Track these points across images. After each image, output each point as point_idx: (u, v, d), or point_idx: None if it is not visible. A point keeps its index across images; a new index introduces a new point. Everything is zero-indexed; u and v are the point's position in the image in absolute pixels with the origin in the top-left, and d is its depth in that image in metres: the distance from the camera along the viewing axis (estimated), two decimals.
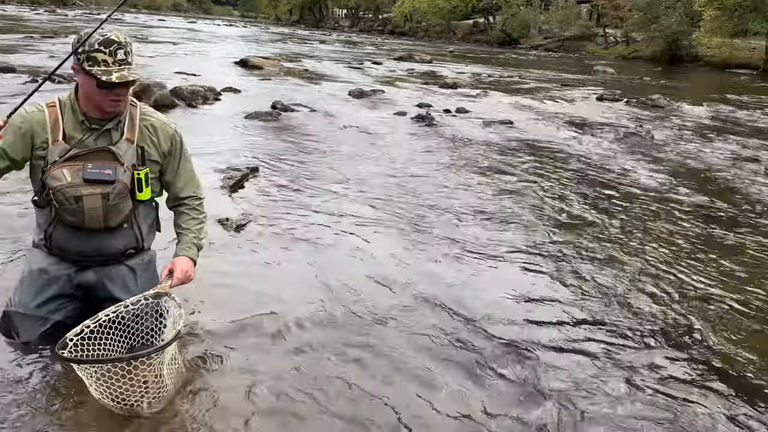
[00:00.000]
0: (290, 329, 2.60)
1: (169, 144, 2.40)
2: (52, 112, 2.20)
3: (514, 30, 44.44)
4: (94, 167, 2.20)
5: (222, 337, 2.49)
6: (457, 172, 5.79)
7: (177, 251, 2.42)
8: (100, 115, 2.22)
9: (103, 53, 2.09)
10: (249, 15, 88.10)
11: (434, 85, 13.47)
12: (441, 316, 2.84)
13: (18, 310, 2.26)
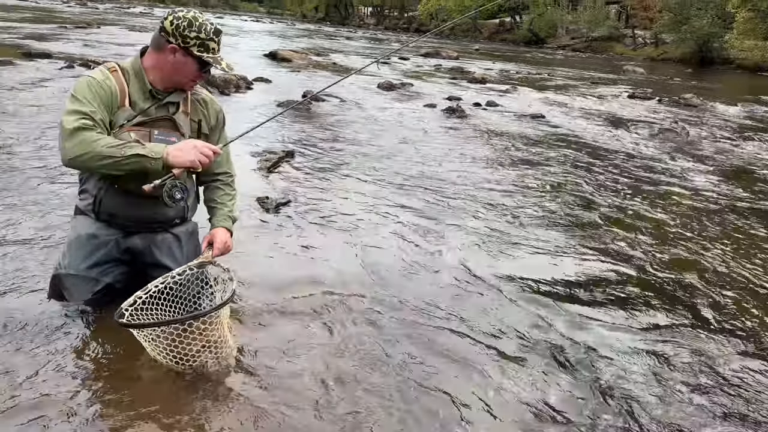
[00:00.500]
0: (329, 305, 2.61)
1: (215, 119, 2.49)
2: (116, 77, 2.24)
3: (541, 30, 44.05)
4: (160, 134, 2.26)
5: (263, 309, 2.52)
6: (489, 163, 5.74)
7: (214, 223, 2.45)
8: (164, 88, 2.28)
9: (214, 42, 2.26)
10: (275, 12, 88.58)
11: (462, 80, 13.41)
12: (482, 302, 2.79)
13: (69, 272, 2.27)
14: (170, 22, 2.21)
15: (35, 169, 4.08)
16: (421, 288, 2.85)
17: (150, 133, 2.24)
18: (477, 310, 2.69)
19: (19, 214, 3.23)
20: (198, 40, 2.21)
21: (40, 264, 2.66)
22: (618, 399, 2.11)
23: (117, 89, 2.21)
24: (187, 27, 2.21)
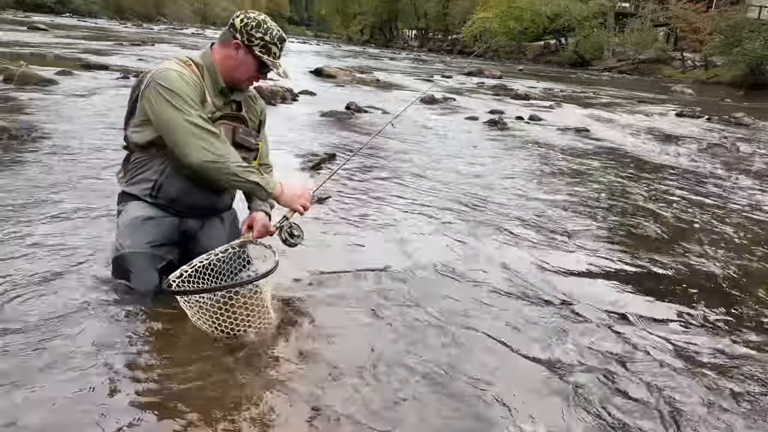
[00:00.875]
0: (367, 291, 2.63)
1: (261, 115, 2.64)
2: (193, 71, 2.30)
3: (586, 51, 43.62)
4: (244, 132, 2.42)
5: (302, 293, 2.55)
6: (532, 172, 5.67)
7: (253, 207, 2.53)
8: (230, 85, 2.39)
9: (277, 47, 2.35)
10: (321, 34, 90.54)
11: (505, 96, 13.38)
12: (524, 304, 2.73)
13: (133, 251, 2.29)
14: (240, 20, 2.31)
15: (88, 162, 4.27)
16: (461, 284, 2.81)
17: (235, 130, 2.39)
18: (519, 311, 2.63)
19: (71, 203, 3.37)
20: (262, 42, 2.30)
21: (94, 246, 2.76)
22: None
23: (200, 83, 2.29)
24: (255, 27, 2.30)
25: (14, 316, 2.05)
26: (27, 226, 2.90)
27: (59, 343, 1.92)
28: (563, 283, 2.90)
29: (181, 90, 2.17)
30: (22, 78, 7.85)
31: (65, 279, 2.39)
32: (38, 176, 3.80)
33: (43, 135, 5.00)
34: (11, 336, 1.93)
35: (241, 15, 2.33)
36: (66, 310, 2.14)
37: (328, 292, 2.55)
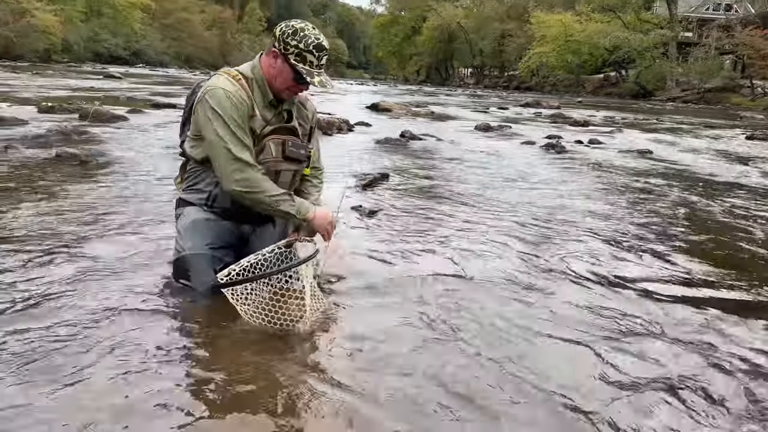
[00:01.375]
0: (418, 299, 2.55)
1: (312, 120, 2.61)
2: (243, 85, 2.31)
3: (648, 82, 42.63)
4: (293, 145, 2.39)
5: (353, 298, 2.51)
6: (593, 192, 5.40)
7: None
8: (277, 95, 2.37)
9: (313, 55, 2.25)
10: (379, 76, 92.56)
11: (563, 123, 13.17)
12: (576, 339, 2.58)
13: (194, 252, 2.33)
14: (280, 28, 2.29)
15: (147, 182, 4.45)
16: (518, 297, 2.61)
17: (285, 143, 2.37)
18: (595, 327, 2.47)
19: (140, 216, 3.49)
20: (297, 50, 2.23)
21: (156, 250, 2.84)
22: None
23: (247, 101, 2.28)
24: (291, 35, 2.25)
25: (76, 313, 2.11)
26: (91, 236, 3.03)
27: (117, 340, 1.95)
28: (630, 296, 2.70)
29: (225, 112, 2.21)
30: (95, 115, 8.35)
31: (125, 281, 2.45)
32: (102, 194, 3.99)
33: (110, 161, 5.26)
34: (70, 330, 1.98)
35: (282, 24, 2.31)
36: (126, 309, 2.18)
37: (374, 300, 2.47)
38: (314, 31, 2.29)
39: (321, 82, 2.28)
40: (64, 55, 44.61)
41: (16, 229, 3.01)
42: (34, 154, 5.33)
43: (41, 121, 7.77)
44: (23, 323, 1.98)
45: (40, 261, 2.58)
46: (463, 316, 2.29)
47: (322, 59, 2.28)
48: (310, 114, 2.59)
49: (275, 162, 2.36)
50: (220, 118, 2.21)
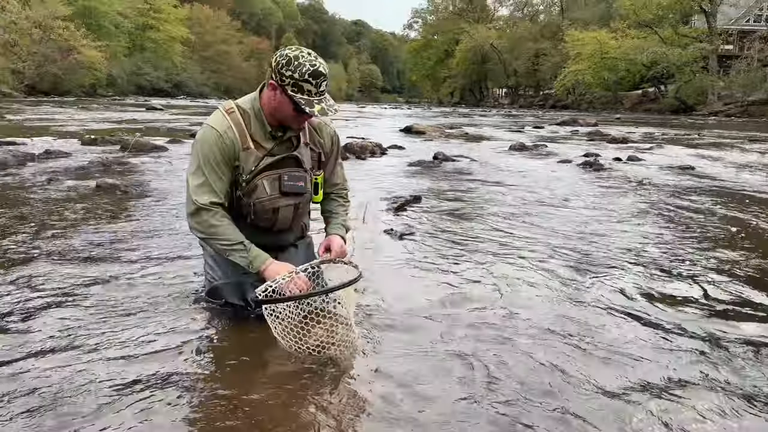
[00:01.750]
0: (453, 320, 2.49)
1: (330, 142, 2.57)
2: (234, 119, 2.28)
3: (689, 97, 41.65)
4: (290, 179, 2.35)
5: (389, 319, 2.46)
6: (634, 210, 5.18)
7: (329, 231, 2.58)
8: (277, 124, 2.33)
9: (310, 84, 2.16)
10: (413, 100, 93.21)
11: (601, 141, 12.93)
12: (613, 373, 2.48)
13: (225, 280, 2.39)
14: (274, 59, 2.22)
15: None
16: (561, 318, 2.49)
17: (280, 178, 2.33)
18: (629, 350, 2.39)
19: (167, 244, 3.54)
20: (292, 80, 2.16)
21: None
22: None
23: (237, 137, 2.26)
24: (285, 65, 2.16)
25: (112, 337, 2.12)
26: (130, 262, 3.08)
27: (154, 367, 1.95)
28: (681, 331, 2.52)
29: (203, 152, 2.24)
30: (136, 146, 8.60)
31: (162, 305, 2.47)
32: (141, 223, 4.07)
33: (149, 191, 5.38)
34: (108, 353, 1.99)
35: (277, 53, 2.23)
36: (163, 333, 2.19)
37: (407, 331, 2.39)
38: (309, 57, 2.19)
39: (321, 110, 2.19)
40: (109, 89, 46.41)
41: (53, 259, 3.07)
42: (75, 185, 5.48)
43: (84, 153, 8.04)
44: (51, 355, 1.99)
45: (74, 289, 2.61)
46: (505, 354, 2.11)
47: (321, 85, 2.19)
48: (326, 139, 2.54)
49: (271, 200, 2.34)
50: (196, 157, 2.25)
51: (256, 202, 2.32)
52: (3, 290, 2.57)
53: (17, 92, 33.78)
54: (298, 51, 2.20)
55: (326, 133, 2.55)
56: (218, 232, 2.26)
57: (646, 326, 2.41)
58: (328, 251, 2.44)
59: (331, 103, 2.25)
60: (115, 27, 50.62)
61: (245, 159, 2.28)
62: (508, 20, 70.80)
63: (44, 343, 2.06)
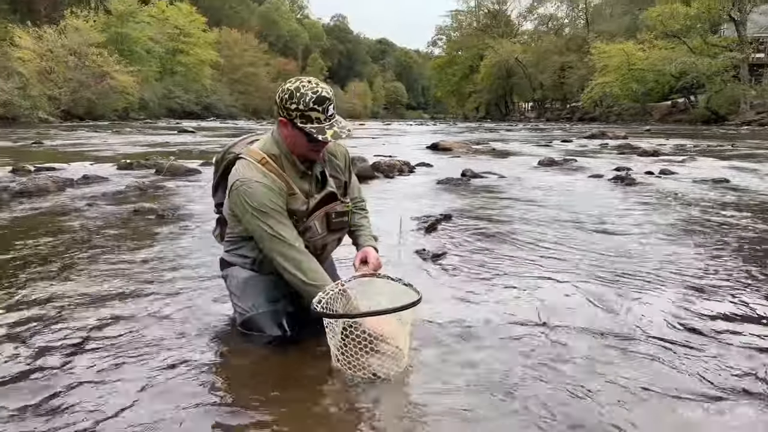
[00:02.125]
0: (491, 343, 2.49)
1: (344, 162, 2.57)
2: (270, 169, 2.27)
3: (720, 107, 40.93)
4: (336, 216, 2.42)
5: (424, 353, 2.46)
6: (667, 225, 5.14)
7: (362, 243, 2.56)
8: (305, 159, 2.35)
9: (317, 111, 2.16)
10: (438, 116, 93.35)
11: (631, 154, 12.78)
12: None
13: (258, 311, 2.39)
14: (278, 95, 2.23)
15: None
16: (608, 348, 2.44)
17: (328, 216, 2.40)
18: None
19: (203, 267, 3.62)
20: (298, 112, 2.17)
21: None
22: None
23: (283, 185, 2.27)
24: (288, 99, 2.18)
25: (144, 370, 2.18)
26: (167, 283, 3.16)
27: (187, 390, 2.00)
28: (730, 352, 2.49)
29: (268, 207, 2.22)
30: (170, 170, 8.80)
31: (196, 327, 2.52)
32: (178, 246, 4.16)
33: (184, 214, 5.50)
34: (138, 375, 2.05)
35: (279, 89, 2.24)
36: (194, 358, 2.24)
37: (446, 356, 2.42)
38: (310, 85, 2.19)
39: (334, 134, 2.19)
40: (141, 113, 47.56)
41: (93, 282, 3.17)
42: (113, 210, 5.65)
43: (120, 176, 8.26)
44: (88, 387, 2.06)
45: (110, 313, 2.69)
46: (555, 386, 2.05)
47: (329, 109, 2.19)
48: (340, 159, 2.54)
49: (322, 237, 2.42)
50: (264, 214, 2.22)
51: (310, 242, 2.36)
52: (39, 315, 2.66)
53: (53, 117, 34.85)
54: (298, 82, 2.21)
55: (339, 153, 2.56)
56: (303, 269, 2.24)
57: (698, 356, 2.35)
58: (365, 263, 2.44)
59: (343, 124, 2.25)
60: (147, 52, 52.02)
61: (292, 203, 2.30)
62: (532, 34, 70.71)
63: (80, 377, 2.12)
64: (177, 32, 58.87)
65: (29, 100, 32.74)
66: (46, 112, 34.31)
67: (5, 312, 2.70)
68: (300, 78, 2.24)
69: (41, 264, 3.60)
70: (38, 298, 2.92)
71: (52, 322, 2.58)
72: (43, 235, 4.45)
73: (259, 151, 2.32)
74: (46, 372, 2.09)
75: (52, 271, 3.45)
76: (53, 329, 2.50)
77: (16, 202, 6.04)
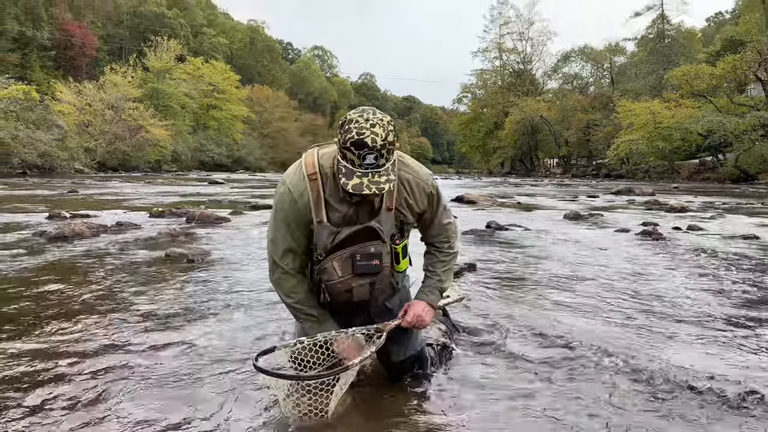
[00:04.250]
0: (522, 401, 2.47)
1: (425, 202, 2.28)
2: (314, 187, 2.13)
3: (750, 165, 40.38)
4: (362, 258, 2.15)
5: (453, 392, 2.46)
6: (694, 286, 4.96)
7: (418, 293, 2.37)
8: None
9: (352, 153, 1.96)
10: (463, 170, 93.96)
11: (659, 210, 12.67)
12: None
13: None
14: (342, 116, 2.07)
15: (245, 278, 4.69)
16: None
17: (353, 257, 2.16)
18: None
19: (232, 308, 3.69)
20: (341, 144, 2.00)
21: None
22: None
23: (312, 207, 2.13)
24: (340, 126, 2.02)
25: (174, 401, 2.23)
26: (196, 324, 3.24)
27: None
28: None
29: (283, 210, 2.18)
30: (201, 218, 9.02)
31: (228, 364, 2.57)
32: (207, 289, 4.27)
33: (214, 259, 5.63)
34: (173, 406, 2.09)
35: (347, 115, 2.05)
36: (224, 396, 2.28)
37: (479, 399, 2.43)
38: (361, 123, 1.96)
39: (355, 186, 1.95)
40: (173, 165, 48.91)
41: (127, 325, 3.26)
42: (145, 254, 5.80)
43: (152, 224, 8.49)
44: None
45: (147, 359, 2.76)
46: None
47: (367, 158, 1.94)
48: (419, 197, 2.25)
49: (343, 281, 2.19)
50: (274, 216, 2.21)
51: (328, 284, 2.20)
52: (69, 360, 2.75)
53: (88, 169, 36.03)
54: (359, 113, 2.00)
55: (419, 189, 2.24)
56: (291, 300, 2.24)
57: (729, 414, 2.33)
58: (405, 315, 2.30)
59: (379, 179, 1.96)
60: (182, 107, 53.96)
61: (319, 233, 2.14)
62: (557, 93, 71.54)
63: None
64: (211, 89, 61.07)
65: (67, 151, 34.00)
66: (81, 163, 35.52)
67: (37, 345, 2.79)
68: (366, 109, 2.03)
69: (79, 304, 3.72)
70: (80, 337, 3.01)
71: (90, 355, 2.65)
72: (77, 279, 4.60)
73: (316, 163, 2.17)
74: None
75: (82, 310, 3.55)
76: (92, 362, 2.57)
77: (53, 246, 6.25)
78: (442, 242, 2.41)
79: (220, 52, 77.47)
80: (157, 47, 54.64)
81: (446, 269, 2.41)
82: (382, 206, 2.16)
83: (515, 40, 72.55)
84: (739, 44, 41.90)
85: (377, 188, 1.94)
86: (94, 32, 61.73)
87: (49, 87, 41.26)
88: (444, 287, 2.41)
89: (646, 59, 56.60)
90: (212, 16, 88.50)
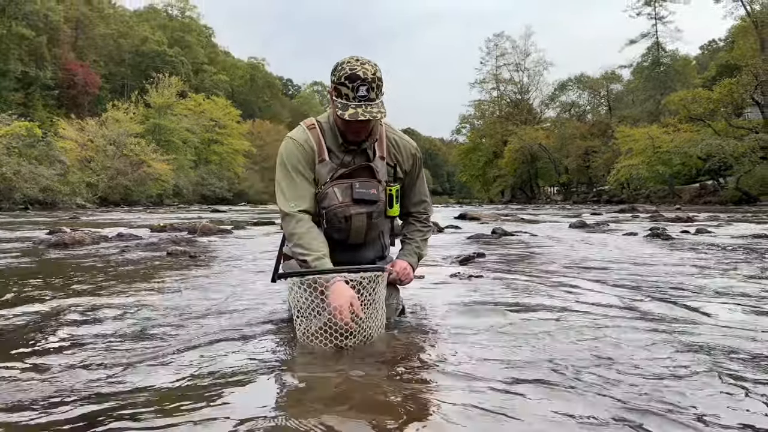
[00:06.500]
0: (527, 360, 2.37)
1: (410, 162, 2.49)
2: (314, 134, 2.34)
3: (751, 187, 40.45)
4: (361, 186, 2.32)
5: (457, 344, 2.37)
6: (709, 275, 4.83)
7: (399, 255, 2.54)
8: (345, 139, 2.33)
9: (346, 87, 2.13)
10: (464, 200, 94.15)
11: (665, 222, 12.55)
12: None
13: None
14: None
15: (244, 273, 4.58)
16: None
17: (351, 186, 2.31)
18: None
19: (233, 299, 3.58)
20: (334, 84, 2.17)
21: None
22: None
23: (315, 147, 2.32)
24: (332, 71, 2.19)
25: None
26: (199, 316, 3.12)
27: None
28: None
29: (289, 159, 2.33)
30: (203, 230, 8.94)
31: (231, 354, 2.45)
32: (207, 281, 4.14)
33: (213, 257, 5.54)
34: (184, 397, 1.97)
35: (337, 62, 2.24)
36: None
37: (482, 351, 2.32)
38: (353, 62, 2.15)
39: (352, 115, 2.11)
40: (175, 199, 49.00)
41: (129, 315, 3.15)
42: (147, 255, 5.70)
43: (154, 236, 8.40)
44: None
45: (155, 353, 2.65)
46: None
47: (359, 90, 2.11)
48: (405, 155, 2.47)
49: (343, 207, 2.31)
50: (282, 164, 2.33)
51: (328, 210, 2.31)
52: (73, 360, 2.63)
53: (90, 203, 36.07)
54: (349, 57, 2.19)
55: (406, 150, 2.47)
56: (295, 238, 2.22)
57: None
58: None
59: (371, 109, 2.14)
60: (183, 142, 54.32)
61: (320, 170, 2.31)
62: (555, 121, 72.13)
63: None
64: (212, 124, 61.60)
65: (69, 186, 34.09)
66: (83, 198, 35.55)
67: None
68: (358, 56, 2.20)
69: (88, 286, 3.60)
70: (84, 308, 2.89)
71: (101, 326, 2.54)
72: (80, 269, 4.49)
73: (313, 120, 2.41)
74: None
75: (83, 305, 3.44)
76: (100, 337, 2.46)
77: (53, 251, 6.14)
78: (420, 213, 2.60)
79: (221, 89, 78.50)
80: (158, 83, 55.32)
81: (424, 238, 2.61)
82: (376, 155, 2.37)
83: (512, 71, 73.35)
84: (735, 68, 42.38)
85: (371, 115, 2.13)
86: (97, 71, 62.59)
87: (51, 125, 41.61)
88: (422, 254, 2.61)
89: (642, 86, 57.19)
90: (213, 54, 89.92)
